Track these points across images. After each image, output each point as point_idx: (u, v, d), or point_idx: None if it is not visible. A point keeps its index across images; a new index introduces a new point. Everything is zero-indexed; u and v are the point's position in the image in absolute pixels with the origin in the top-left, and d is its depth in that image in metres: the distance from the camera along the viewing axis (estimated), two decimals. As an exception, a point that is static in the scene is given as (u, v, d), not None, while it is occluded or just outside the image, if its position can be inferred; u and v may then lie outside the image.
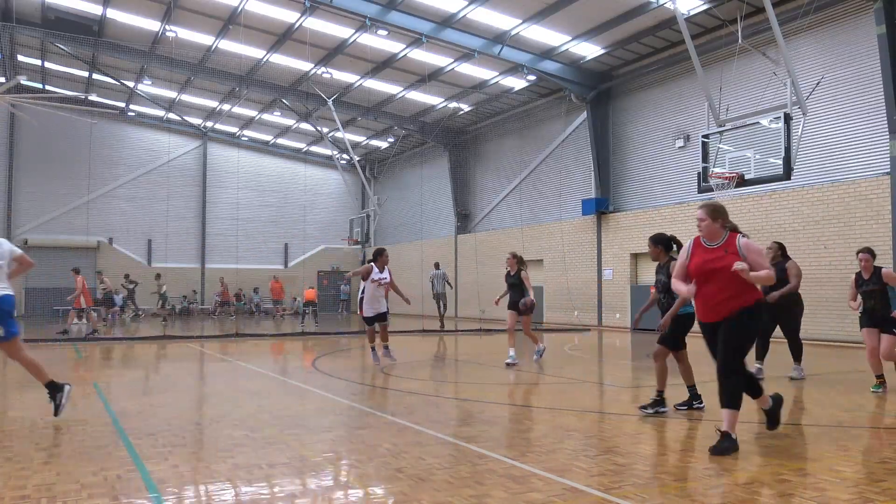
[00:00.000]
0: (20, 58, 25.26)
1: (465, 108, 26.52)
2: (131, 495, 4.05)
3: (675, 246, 6.94)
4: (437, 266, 23.38)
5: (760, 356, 9.30)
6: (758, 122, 13.47)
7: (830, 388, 8.57)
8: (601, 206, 21.84)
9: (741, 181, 13.66)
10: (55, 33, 21.35)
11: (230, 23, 20.27)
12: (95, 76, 26.42)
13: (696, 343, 6.30)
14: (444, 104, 26.18)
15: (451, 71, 22.52)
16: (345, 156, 32.80)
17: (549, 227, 24.38)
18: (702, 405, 6.87)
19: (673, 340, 6.79)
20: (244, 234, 33.69)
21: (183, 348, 14.76)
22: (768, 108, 13.35)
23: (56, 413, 6.28)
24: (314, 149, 34.80)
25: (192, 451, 5.20)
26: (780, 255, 9.44)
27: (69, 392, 6.43)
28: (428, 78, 22.70)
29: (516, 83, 23.48)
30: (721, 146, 14.17)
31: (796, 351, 9.35)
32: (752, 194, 16.99)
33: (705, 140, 14.42)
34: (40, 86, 27.81)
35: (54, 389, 6.32)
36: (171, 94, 28.14)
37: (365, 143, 32.92)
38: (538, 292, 24.73)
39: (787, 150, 12.80)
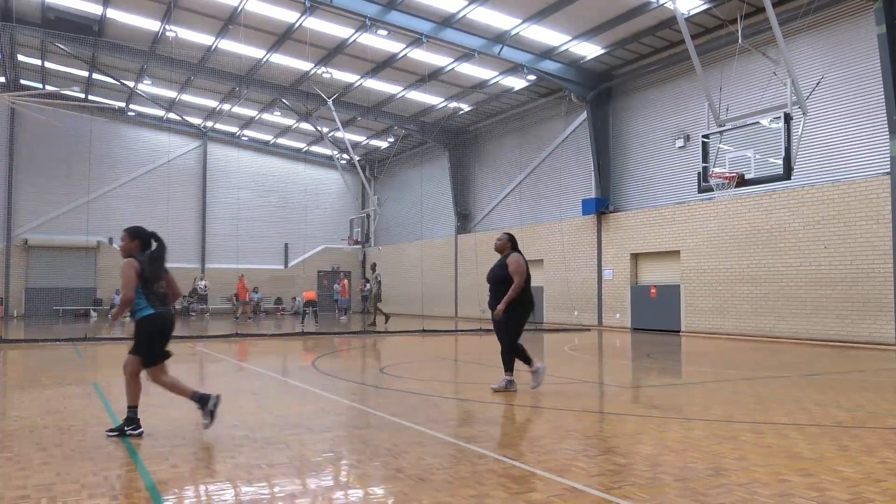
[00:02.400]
0: (20, 58, 25.25)
1: (465, 108, 26.52)
2: (131, 495, 4.05)
3: (154, 242, 5.81)
4: (374, 268, 23.84)
5: (527, 361, 8.03)
6: (758, 122, 13.46)
7: (830, 388, 8.57)
8: (601, 206, 21.84)
9: (741, 181, 13.66)
10: (55, 33, 21.33)
11: (230, 23, 20.27)
12: (95, 76, 26.42)
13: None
14: (444, 104, 26.18)
15: (451, 71, 22.51)
16: (345, 156, 32.79)
17: (549, 227, 24.38)
18: (138, 431, 5.57)
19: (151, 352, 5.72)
20: (244, 234, 33.68)
21: (182, 348, 14.76)
22: (768, 108, 13.34)
23: None
24: (314, 149, 34.79)
25: (192, 451, 5.20)
26: (509, 246, 8.17)
27: None
28: (428, 78, 22.70)
29: (516, 83, 23.47)
30: (721, 146, 14.17)
31: (513, 357, 7.99)
32: (752, 194, 16.99)
33: (705, 140, 14.42)
34: (40, 86, 27.81)
35: None
36: (171, 93, 28.13)
37: (365, 143, 32.92)
38: (538, 292, 24.85)
39: (787, 150, 12.79)
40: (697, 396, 8.11)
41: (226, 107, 29.35)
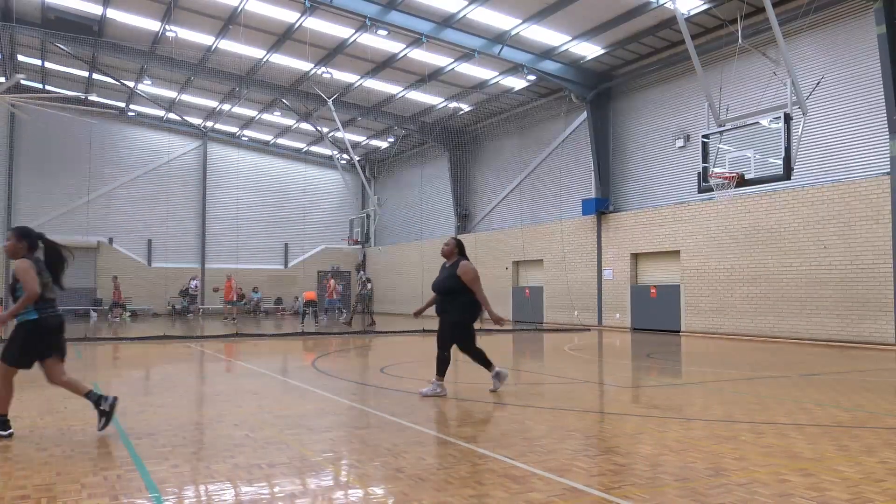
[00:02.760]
0: (20, 58, 25.24)
1: (465, 108, 26.51)
2: (131, 495, 4.05)
3: (41, 243, 5.77)
4: (359, 268, 23.95)
5: (441, 372, 7.87)
6: (758, 122, 13.47)
7: (830, 388, 8.57)
8: (601, 206, 21.84)
9: (741, 181, 13.67)
10: (55, 33, 21.32)
11: (230, 23, 20.26)
12: (95, 76, 26.40)
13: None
14: (444, 104, 26.18)
15: (451, 71, 22.51)
16: (345, 156, 32.79)
17: (549, 227, 24.38)
18: (7, 433, 5.50)
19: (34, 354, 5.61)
20: (244, 234, 33.69)
21: (183, 348, 14.76)
22: (768, 108, 13.35)
23: None
24: (314, 149, 34.79)
25: (192, 451, 5.20)
26: (456, 253, 8.05)
27: None
28: (428, 78, 22.69)
29: (516, 83, 23.47)
30: (721, 146, 14.18)
31: (481, 360, 8.01)
32: (752, 194, 16.99)
33: (705, 140, 14.43)
34: (40, 86, 27.81)
35: None
36: (171, 94, 28.12)
37: (365, 143, 32.92)
38: (538, 292, 24.85)
39: (787, 150, 12.80)
40: (697, 396, 8.11)
41: (226, 107, 29.34)
